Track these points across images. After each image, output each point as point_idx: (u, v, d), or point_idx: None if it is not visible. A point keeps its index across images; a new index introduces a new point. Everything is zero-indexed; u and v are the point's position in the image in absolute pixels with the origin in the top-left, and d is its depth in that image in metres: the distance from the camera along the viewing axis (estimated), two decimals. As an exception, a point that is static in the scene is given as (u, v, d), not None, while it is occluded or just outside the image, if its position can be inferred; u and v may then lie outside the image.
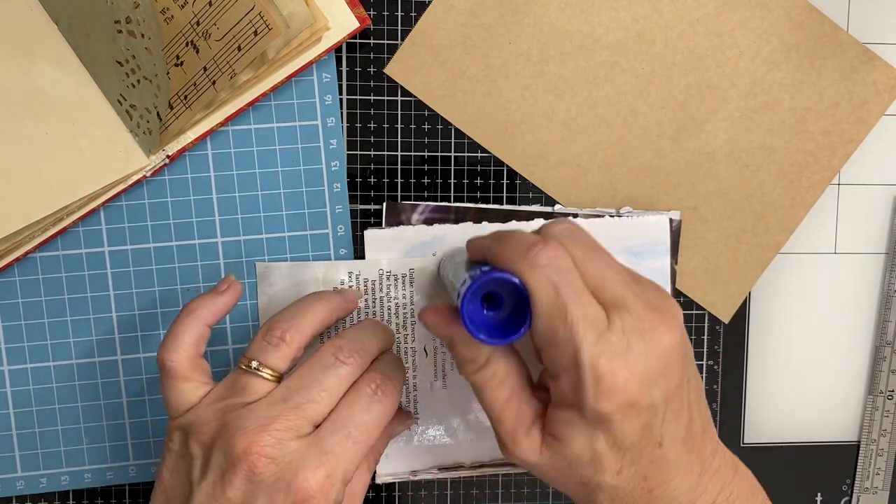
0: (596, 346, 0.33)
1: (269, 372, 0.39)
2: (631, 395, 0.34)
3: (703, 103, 0.48)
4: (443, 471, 0.49)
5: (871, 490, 0.52)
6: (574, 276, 0.35)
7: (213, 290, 0.42)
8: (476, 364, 0.37)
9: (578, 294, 0.34)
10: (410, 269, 0.47)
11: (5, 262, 0.44)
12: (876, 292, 0.51)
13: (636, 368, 0.34)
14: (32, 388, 0.47)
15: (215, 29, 0.41)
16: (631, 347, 0.34)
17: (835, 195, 0.50)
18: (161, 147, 0.44)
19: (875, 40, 0.49)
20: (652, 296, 0.36)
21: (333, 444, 0.37)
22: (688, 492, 0.36)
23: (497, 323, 0.36)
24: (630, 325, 0.34)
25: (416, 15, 0.47)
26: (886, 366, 0.51)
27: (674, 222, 0.48)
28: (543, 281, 0.34)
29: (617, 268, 0.36)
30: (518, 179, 0.48)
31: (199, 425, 0.38)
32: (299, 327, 0.40)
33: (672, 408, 0.35)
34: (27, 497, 0.48)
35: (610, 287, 0.35)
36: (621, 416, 0.34)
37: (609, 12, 0.47)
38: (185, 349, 0.40)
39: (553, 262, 0.34)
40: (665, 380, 0.34)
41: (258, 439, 0.36)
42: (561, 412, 0.35)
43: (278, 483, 0.36)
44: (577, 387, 0.34)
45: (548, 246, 0.35)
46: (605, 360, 0.33)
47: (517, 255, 0.35)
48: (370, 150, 0.48)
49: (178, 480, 0.38)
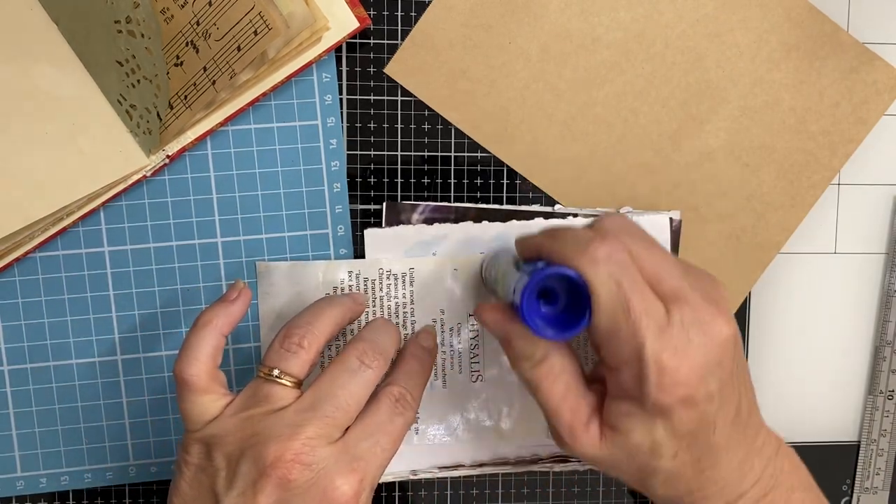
0: (658, 341, 0.34)
1: (290, 379, 0.39)
2: (691, 388, 0.35)
3: (703, 103, 0.48)
4: (443, 471, 0.49)
5: (871, 490, 0.52)
6: (633, 270, 0.35)
7: (224, 298, 0.42)
8: (533, 360, 0.38)
9: (639, 289, 0.35)
10: (410, 269, 0.47)
11: (5, 262, 0.44)
12: (876, 292, 0.51)
13: (697, 361, 0.35)
14: (32, 388, 0.47)
15: (215, 29, 0.41)
16: (691, 340, 0.35)
17: (835, 195, 0.50)
18: (161, 147, 0.44)
19: (875, 40, 0.49)
20: (707, 286, 0.37)
21: (364, 450, 0.38)
22: (736, 469, 0.37)
23: (554, 318, 0.36)
24: (689, 317, 0.35)
25: (416, 15, 0.47)
26: (886, 366, 0.51)
27: (674, 222, 0.48)
28: (604, 276, 0.35)
29: (671, 260, 0.37)
30: (518, 179, 0.48)
31: (223, 436, 0.38)
32: (315, 333, 0.40)
33: (725, 394, 0.36)
34: (27, 497, 0.48)
35: (667, 280, 0.36)
36: (681, 406, 0.35)
37: (609, 12, 0.47)
38: (203, 362, 0.39)
39: (612, 258, 0.35)
40: (721, 369, 0.35)
41: (290, 447, 0.36)
42: (620, 404, 0.36)
43: (313, 490, 0.36)
44: (640, 380, 0.35)
45: (605, 241, 0.35)
46: (667, 354, 0.34)
47: (575, 251, 0.35)
48: (370, 150, 0.48)
49: (199, 493, 0.38)
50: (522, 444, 0.48)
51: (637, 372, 0.35)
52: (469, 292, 0.47)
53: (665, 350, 0.34)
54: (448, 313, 0.47)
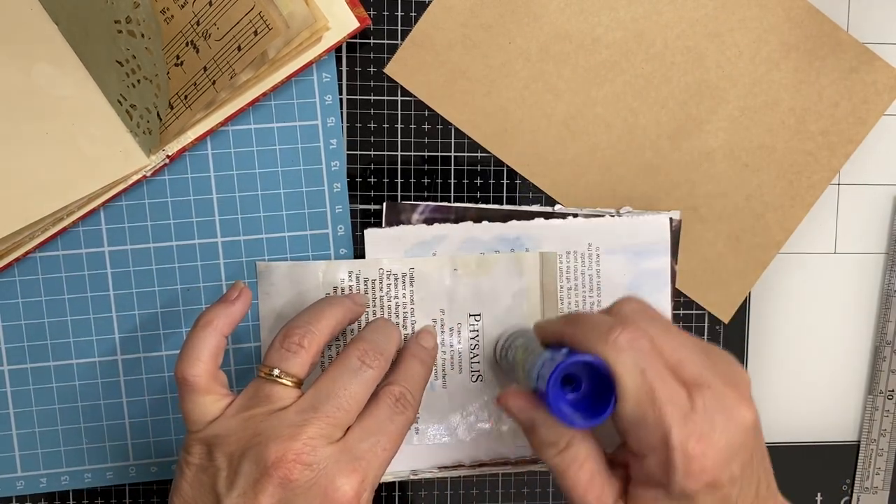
0: (684, 428, 0.34)
1: (291, 379, 0.39)
2: (716, 473, 0.35)
3: (703, 103, 0.48)
4: (443, 471, 0.49)
5: (871, 490, 0.52)
6: (656, 357, 0.35)
7: (224, 298, 0.42)
8: (558, 447, 0.38)
9: (663, 377, 0.35)
10: (411, 269, 0.47)
11: (5, 262, 0.44)
12: (876, 292, 0.51)
13: (720, 446, 0.35)
14: (32, 388, 0.47)
15: (215, 29, 0.41)
16: (714, 427, 0.35)
17: (835, 195, 0.50)
18: (161, 147, 0.44)
19: (875, 40, 0.49)
20: (726, 369, 0.37)
21: (364, 450, 0.38)
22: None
23: (577, 405, 0.36)
24: (712, 403, 0.35)
25: (416, 15, 0.47)
26: (886, 366, 0.51)
27: (674, 222, 0.48)
28: (629, 364, 0.35)
29: (690, 345, 0.37)
30: (518, 179, 0.48)
31: (224, 437, 0.38)
32: (315, 333, 0.40)
33: (746, 475, 0.36)
34: (27, 497, 0.48)
35: (688, 366, 0.36)
36: (706, 491, 0.35)
37: (609, 12, 0.47)
38: (204, 362, 0.40)
39: (634, 345, 0.35)
40: (744, 451, 0.36)
41: (291, 447, 0.37)
42: (646, 490, 0.36)
43: (314, 489, 0.37)
44: (667, 467, 0.35)
45: (627, 328, 0.36)
46: (693, 440, 0.34)
47: (598, 338, 0.36)
48: (370, 150, 0.48)
49: (201, 493, 0.38)
50: (522, 443, 0.48)
51: (663, 459, 0.35)
52: None
53: (691, 437, 0.34)
54: (448, 313, 0.47)
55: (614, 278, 0.48)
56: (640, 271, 0.48)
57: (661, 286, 0.48)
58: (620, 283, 0.48)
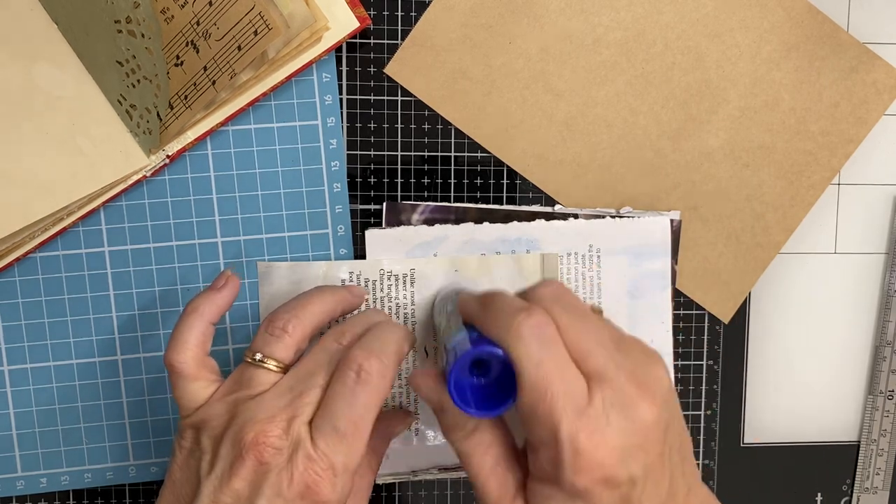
0: (575, 422, 0.33)
1: (274, 363, 0.39)
2: (609, 470, 0.34)
3: (703, 103, 0.48)
4: (443, 471, 0.49)
5: (871, 490, 0.52)
6: (557, 346, 0.35)
7: (212, 286, 0.42)
8: (464, 431, 0.37)
9: (560, 368, 0.34)
10: (411, 270, 0.47)
11: (5, 262, 0.44)
12: (876, 292, 0.51)
13: (615, 443, 0.34)
14: (32, 388, 0.47)
15: (215, 29, 0.41)
16: (610, 422, 0.34)
17: (835, 195, 0.50)
18: (161, 147, 0.44)
19: (875, 40, 0.49)
20: (636, 364, 0.36)
21: (325, 436, 0.37)
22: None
23: (485, 391, 0.36)
24: (610, 399, 0.34)
25: (416, 15, 0.47)
26: (886, 366, 0.51)
27: (674, 222, 0.48)
28: (527, 354, 0.34)
29: (601, 335, 0.36)
30: (518, 179, 0.48)
31: (209, 420, 0.38)
32: (301, 318, 0.40)
33: (652, 477, 0.35)
34: (27, 497, 0.48)
35: (593, 357, 0.35)
36: (600, 489, 0.34)
37: (609, 12, 0.47)
38: (191, 349, 0.40)
39: (537, 332, 0.34)
40: (645, 452, 0.34)
41: (265, 429, 0.37)
42: (540, 486, 0.35)
43: (286, 471, 0.37)
44: (556, 462, 0.34)
45: (532, 315, 0.35)
46: (584, 435, 0.33)
47: (503, 325, 0.35)
48: (370, 150, 0.48)
49: (187, 476, 0.38)
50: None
51: (554, 453, 0.34)
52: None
53: (582, 431, 0.33)
54: (448, 313, 0.47)
55: (615, 280, 0.48)
56: (640, 272, 0.48)
57: (662, 287, 0.48)
58: (621, 284, 0.48)
